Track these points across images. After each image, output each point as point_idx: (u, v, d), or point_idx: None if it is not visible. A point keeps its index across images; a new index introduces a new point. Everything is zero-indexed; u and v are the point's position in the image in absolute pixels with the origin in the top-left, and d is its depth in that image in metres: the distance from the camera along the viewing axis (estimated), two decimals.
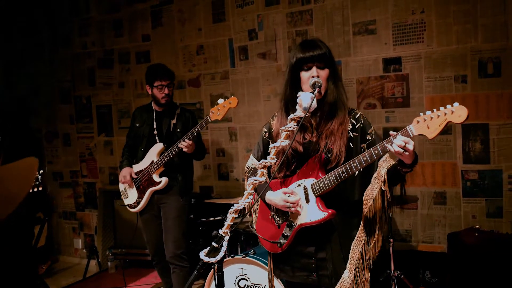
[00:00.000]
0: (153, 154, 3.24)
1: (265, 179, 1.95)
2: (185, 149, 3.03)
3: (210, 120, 2.94)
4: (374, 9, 3.55)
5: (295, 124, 1.64)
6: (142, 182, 3.28)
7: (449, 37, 3.33)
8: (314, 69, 1.82)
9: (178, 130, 3.27)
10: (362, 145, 1.86)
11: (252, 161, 2.13)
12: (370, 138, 1.85)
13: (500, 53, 3.20)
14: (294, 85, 1.87)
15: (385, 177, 1.76)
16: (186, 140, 3.01)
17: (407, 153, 1.58)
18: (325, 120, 1.88)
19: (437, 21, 3.36)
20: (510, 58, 3.17)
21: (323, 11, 3.73)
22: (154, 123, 3.32)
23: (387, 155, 1.82)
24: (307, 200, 1.84)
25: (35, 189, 3.01)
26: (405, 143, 1.57)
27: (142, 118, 3.40)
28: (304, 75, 1.84)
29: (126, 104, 4.71)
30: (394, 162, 1.76)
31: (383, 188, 1.78)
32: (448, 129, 3.38)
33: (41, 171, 3.05)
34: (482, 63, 3.25)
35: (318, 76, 1.80)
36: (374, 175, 1.82)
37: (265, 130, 2.08)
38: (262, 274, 2.78)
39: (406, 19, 3.45)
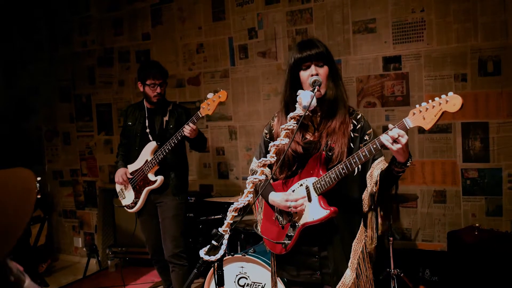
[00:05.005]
0: (147, 153, 3.21)
1: (266, 178, 1.96)
2: (187, 134, 2.97)
3: (200, 116, 2.92)
4: (374, 7, 3.54)
5: (295, 122, 1.64)
6: (138, 182, 3.27)
7: (449, 35, 3.33)
8: (312, 67, 1.83)
9: (171, 126, 3.23)
10: (360, 145, 1.87)
11: (255, 164, 2.12)
12: (368, 138, 1.87)
13: (500, 51, 3.20)
14: (293, 86, 1.88)
15: (378, 179, 1.79)
16: (190, 124, 2.96)
17: (399, 146, 1.58)
18: (326, 118, 1.89)
19: (437, 20, 3.36)
20: (510, 57, 3.17)
21: (323, 9, 3.73)
22: (146, 121, 3.29)
23: (382, 157, 1.84)
24: (310, 199, 1.84)
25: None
26: (399, 135, 1.58)
27: (134, 116, 3.37)
28: (303, 74, 1.85)
29: (126, 103, 4.70)
30: (388, 164, 1.78)
31: (374, 190, 1.82)
32: (447, 127, 3.38)
33: (38, 179, 2.92)
34: (482, 62, 3.25)
35: (317, 74, 1.81)
36: (368, 175, 1.85)
37: (266, 131, 2.08)
38: (262, 273, 2.78)
39: (406, 18, 3.45)
